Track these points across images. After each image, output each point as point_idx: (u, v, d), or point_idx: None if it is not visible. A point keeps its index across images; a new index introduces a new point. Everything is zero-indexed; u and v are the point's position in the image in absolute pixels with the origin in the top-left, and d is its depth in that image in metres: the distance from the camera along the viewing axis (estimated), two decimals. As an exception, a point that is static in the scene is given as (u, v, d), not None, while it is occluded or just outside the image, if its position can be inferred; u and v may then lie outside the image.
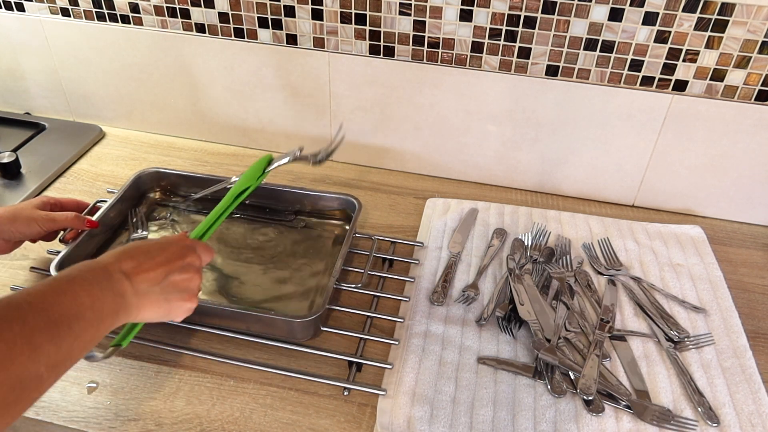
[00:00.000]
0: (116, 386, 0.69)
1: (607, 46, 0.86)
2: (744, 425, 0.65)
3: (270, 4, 0.94)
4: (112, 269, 0.52)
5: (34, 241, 0.80)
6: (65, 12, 1.03)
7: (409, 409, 0.65)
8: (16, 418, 0.41)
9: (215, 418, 0.66)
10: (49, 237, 0.80)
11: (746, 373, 0.70)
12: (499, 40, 0.89)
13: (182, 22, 1.00)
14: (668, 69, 0.86)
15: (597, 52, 0.87)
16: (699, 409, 0.66)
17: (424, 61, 0.94)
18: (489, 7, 0.86)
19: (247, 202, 0.93)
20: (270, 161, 0.82)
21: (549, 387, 0.67)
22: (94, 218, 0.82)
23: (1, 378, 0.39)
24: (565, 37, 0.87)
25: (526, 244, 0.87)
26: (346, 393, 0.69)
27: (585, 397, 0.66)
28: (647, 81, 0.88)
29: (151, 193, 0.95)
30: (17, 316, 0.42)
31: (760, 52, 0.82)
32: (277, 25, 0.96)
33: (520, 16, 0.86)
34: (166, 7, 0.98)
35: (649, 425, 0.64)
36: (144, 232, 0.88)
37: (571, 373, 0.69)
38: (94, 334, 0.48)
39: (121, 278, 0.52)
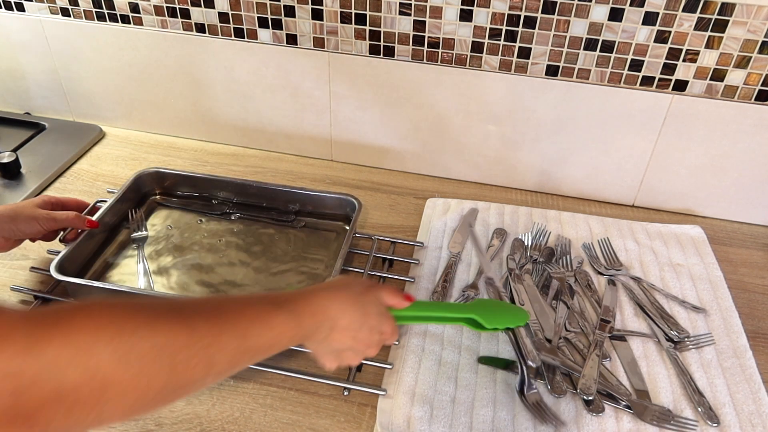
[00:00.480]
0: (116, 386, 0.69)
1: (607, 46, 0.86)
2: (744, 425, 0.65)
3: (270, 4, 0.94)
4: (326, 324, 0.53)
5: (34, 240, 0.80)
6: (65, 12, 1.03)
7: (409, 409, 0.65)
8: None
9: (215, 418, 0.66)
10: (49, 236, 0.80)
11: (746, 373, 0.70)
12: (499, 40, 0.89)
13: (182, 22, 1.00)
14: (668, 69, 0.86)
15: (597, 52, 0.87)
16: (699, 409, 0.66)
17: (424, 61, 0.94)
18: (489, 7, 0.86)
19: (245, 200, 0.93)
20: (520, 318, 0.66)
21: (549, 387, 0.67)
22: (94, 218, 0.82)
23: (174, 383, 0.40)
24: (565, 37, 0.87)
25: (526, 244, 0.87)
26: (346, 393, 0.69)
27: (585, 397, 0.66)
28: (647, 81, 0.88)
29: (151, 194, 0.95)
30: (214, 324, 0.43)
31: (760, 52, 0.82)
32: (277, 25, 0.96)
33: (520, 16, 0.86)
34: (166, 7, 0.98)
35: (649, 425, 0.64)
36: (144, 232, 0.88)
37: (571, 374, 0.69)
38: (266, 356, 0.49)
39: (324, 331, 0.54)
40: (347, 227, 0.86)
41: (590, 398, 0.66)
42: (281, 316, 0.49)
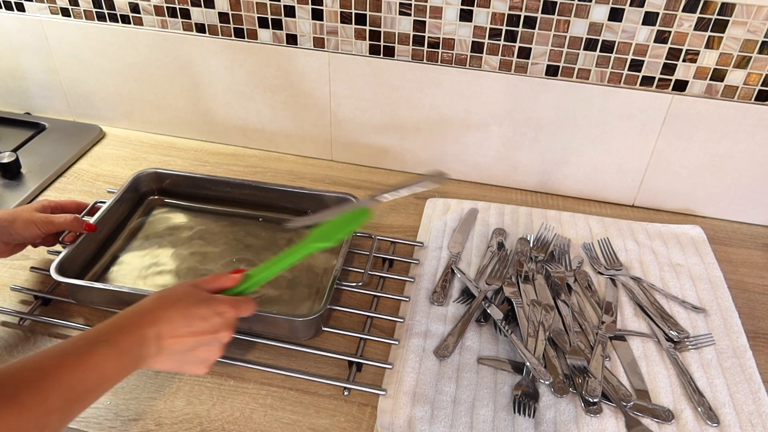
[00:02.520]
0: (116, 386, 0.69)
1: (607, 46, 0.86)
2: (744, 425, 0.65)
3: (270, 4, 0.94)
4: (148, 335, 0.53)
5: (35, 245, 0.81)
6: (65, 12, 1.03)
7: (410, 409, 0.65)
8: None
9: (215, 418, 0.66)
10: (49, 240, 0.80)
11: (746, 373, 0.70)
12: (499, 40, 0.89)
13: (182, 22, 1.00)
14: (668, 69, 0.86)
15: (597, 52, 0.87)
16: (699, 409, 0.66)
17: (424, 61, 0.94)
18: (489, 7, 0.86)
19: (245, 200, 0.93)
20: (362, 216, 0.68)
21: (552, 389, 0.67)
22: (92, 220, 0.82)
23: None
24: (565, 37, 0.87)
25: (530, 244, 0.87)
26: (346, 393, 0.69)
27: (591, 399, 0.66)
28: (647, 81, 0.88)
29: (150, 195, 0.95)
30: (39, 392, 0.43)
31: (760, 52, 0.82)
32: (277, 25, 0.96)
33: (520, 16, 0.86)
34: (166, 7, 0.98)
35: (649, 425, 0.64)
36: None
37: (572, 376, 0.69)
38: (102, 394, 0.50)
39: (151, 344, 0.53)
40: (347, 227, 0.85)
41: (596, 399, 0.66)
42: (99, 351, 0.49)
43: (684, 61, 0.85)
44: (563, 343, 0.72)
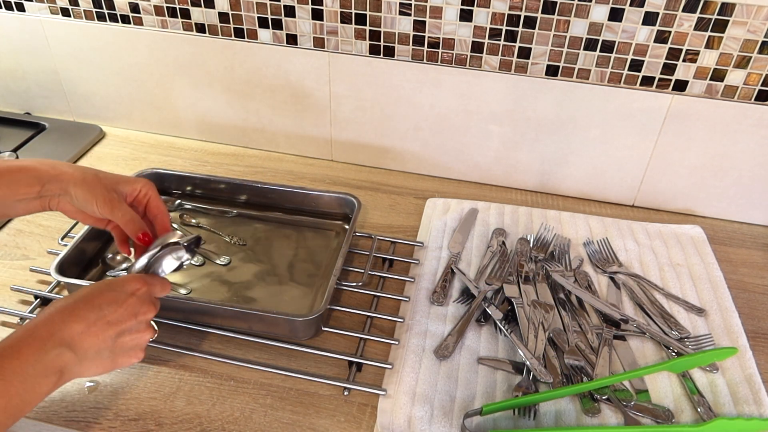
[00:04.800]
0: (116, 386, 0.69)
1: (607, 46, 0.86)
2: (744, 425, 0.65)
3: (270, 4, 0.94)
4: (54, 342, 0.48)
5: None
6: (65, 12, 1.03)
7: (410, 408, 0.65)
8: None
9: (215, 418, 0.66)
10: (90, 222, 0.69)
11: (746, 373, 0.70)
12: (499, 40, 0.89)
13: (182, 22, 1.00)
14: (668, 69, 0.86)
15: (597, 52, 0.87)
16: (699, 409, 0.66)
17: (424, 61, 0.94)
18: (489, 7, 0.86)
19: (245, 200, 0.93)
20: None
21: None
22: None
23: None
24: (565, 37, 0.87)
25: (531, 244, 0.87)
26: (346, 393, 0.69)
27: (598, 397, 0.66)
28: (647, 81, 0.88)
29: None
30: None
31: (760, 52, 0.82)
32: (277, 25, 0.96)
33: (520, 16, 0.86)
34: (166, 7, 0.98)
35: (648, 425, 0.64)
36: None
37: (572, 375, 0.69)
38: (22, 414, 0.46)
39: (62, 352, 0.48)
40: (347, 227, 0.86)
41: (605, 397, 0.66)
42: (4, 373, 0.45)
43: (684, 61, 0.85)
44: (563, 343, 0.72)
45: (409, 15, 0.90)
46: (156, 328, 0.60)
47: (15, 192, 0.62)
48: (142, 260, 0.61)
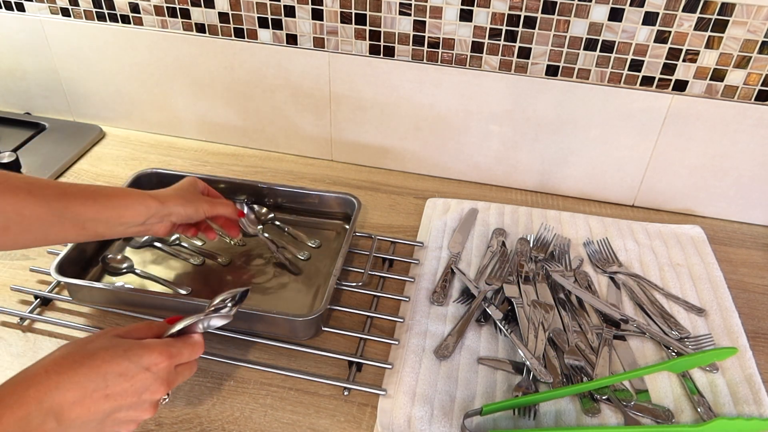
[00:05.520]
0: (116, 386, 0.69)
1: (607, 46, 0.86)
2: (744, 425, 0.65)
3: (270, 4, 0.94)
4: (40, 411, 0.42)
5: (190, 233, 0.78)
6: (65, 12, 1.03)
7: (410, 408, 0.65)
8: None
9: (215, 418, 0.66)
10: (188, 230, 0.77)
11: (746, 373, 0.70)
12: (499, 40, 0.89)
13: (182, 22, 1.00)
14: (668, 69, 0.86)
15: (597, 52, 0.87)
16: (699, 409, 0.66)
17: (424, 61, 0.94)
18: (489, 7, 0.86)
19: (246, 200, 0.93)
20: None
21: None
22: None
23: None
24: (565, 37, 0.87)
25: (530, 244, 0.87)
26: (346, 393, 0.69)
27: (598, 397, 0.66)
28: (647, 81, 0.88)
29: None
30: None
31: (760, 52, 0.82)
32: (277, 25, 0.96)
33: (520, 16, 0.86)
34: (166, 7, 0.98)
35: (648, 425, 0.64)
36: None
37: (572, 375, 0.69)
38: None
39: (46, 421, 0.43)
40: (347, 227, 0.86)
41: (605, 397, 0.66)
42: None
43: (684, 61, 0.85)
44: (563, 343, 0.72)
45: (409, 15, 0.90)
46: (168, 395, 0.52)
47: (121, 215, 0.65)
48: (185, 321, 0.54)
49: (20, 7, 1.05)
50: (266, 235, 0.86)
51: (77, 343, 0.48)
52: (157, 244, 0.87)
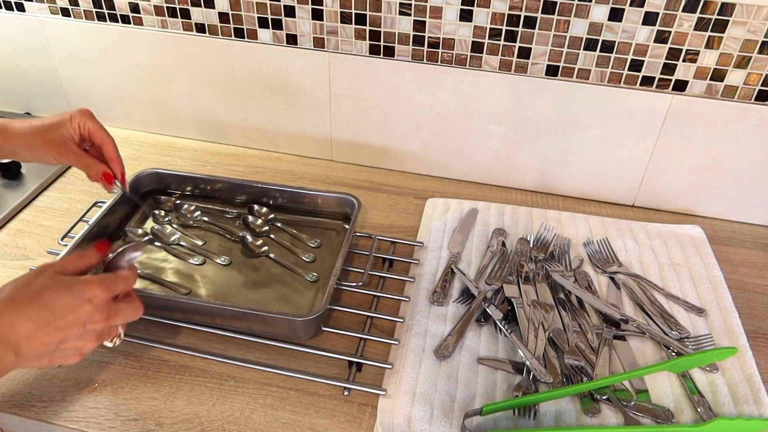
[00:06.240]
0: (116, 386, 0.69)
1: (607, 46, 0.86)
2: (744, 425, 0.65)
3: (270, 4, 0.94)
4: (5, 345, 0.48)
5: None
6: (65, 12, 1.03)
7: (410, 408, 0.65)
8: None
9: (215, 418, 0.66)
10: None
11: (746, 373, 0.70)
12: (499, 40, 0.89)
13: (182, 22, 1.00)
14: (668, 69, 0.86)
15: (597, 52, 0.87)
16: (699, 409, 0.66)
17: (424, 61, 0.94)
18: (489, 7, 0.86)
19: (245, 200, 0.93)
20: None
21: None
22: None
23: None
24: (565, 37, 0.87)
25: (530, 244, 0.87)
26: (346, 393, 0.69)
27: (598, 397, 0.66)
28: (647, 81, 0.88)
29: (150, 195, 0.95)
30: None
31: (760, 52, 0.82)
32: (277, 25, 0.96)
33: (520, 16, 0.86)
34: (166, 7, 0.98)
35: (648, 425, 0.64)
36: (141, 234, 0.88)
37: (572, 375, 0.69)
38: None
39: (5, 354, 0.48)
40: (347, 227, 0.86)
41: (605, 397, 0.66)
42: None
43: (684, 61, 0.85)
44: (563, 343, 0.72)
45: (409, 15, 0.90)
46: (121, 333, 0.59)
47: None
48: (112, 254, 0.59)
49: (20, 7, 1.05)
50: (128, 192, 0.82)
51: (19, 283, 0.52)
52: (157, 244, 0.87)
